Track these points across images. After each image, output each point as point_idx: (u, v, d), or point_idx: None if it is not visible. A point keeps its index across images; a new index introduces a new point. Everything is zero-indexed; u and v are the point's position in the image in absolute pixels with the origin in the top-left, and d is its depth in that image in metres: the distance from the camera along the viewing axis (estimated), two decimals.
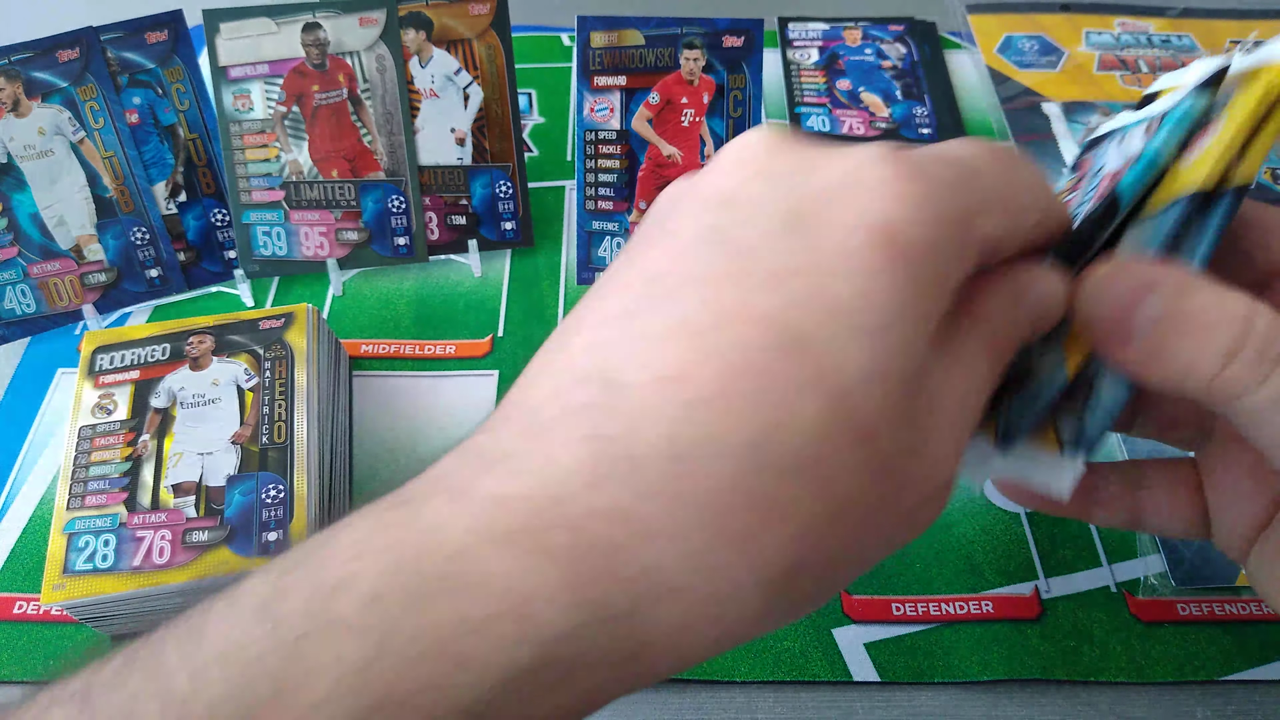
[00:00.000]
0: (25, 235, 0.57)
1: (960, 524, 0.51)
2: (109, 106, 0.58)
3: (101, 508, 0.44)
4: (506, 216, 0.63)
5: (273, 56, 0.59)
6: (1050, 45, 0.79)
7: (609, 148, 0.59)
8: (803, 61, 0.77)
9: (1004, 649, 0.46)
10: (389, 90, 0.60)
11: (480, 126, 0.61)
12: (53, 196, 0.58)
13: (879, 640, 0.47)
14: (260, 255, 0.61)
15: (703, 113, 0.59)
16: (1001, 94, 0.75)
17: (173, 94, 0.60)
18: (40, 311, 0.58)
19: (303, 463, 0.46)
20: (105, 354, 0.49)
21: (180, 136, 0.60)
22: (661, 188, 0.61)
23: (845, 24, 0.80)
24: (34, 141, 0.57)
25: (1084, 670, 0.46)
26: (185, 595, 0.44)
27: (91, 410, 0.47)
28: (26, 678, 0.45)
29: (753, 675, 0.46)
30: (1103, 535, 0.51)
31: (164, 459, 0.46)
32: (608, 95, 0.59)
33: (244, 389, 0.48)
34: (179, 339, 0.50)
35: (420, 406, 0.56)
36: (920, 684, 0.46)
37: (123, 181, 0.59)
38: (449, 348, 0.59)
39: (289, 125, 0.60)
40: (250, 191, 0.60)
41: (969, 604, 0.48)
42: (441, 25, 0.60)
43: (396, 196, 0.61)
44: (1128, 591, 0.48)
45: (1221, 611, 0.47)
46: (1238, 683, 0.46)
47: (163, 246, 0.60)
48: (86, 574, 0.42)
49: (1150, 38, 0.79)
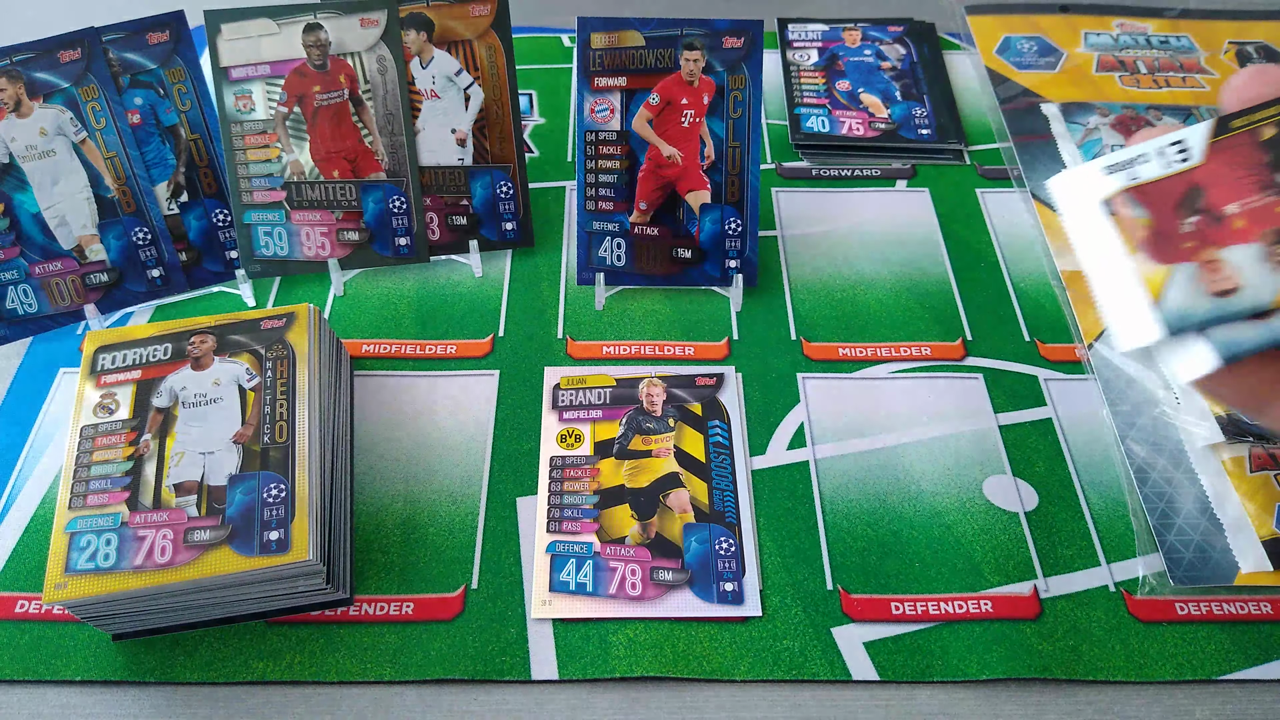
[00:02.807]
0: (27, 235, 0.58)
1: (960, 524, 0.51)
2: (110, 107, 0.58)
3: (103, 507, 0.44)
4: (507, 217, 0.63)
5: (274, 57, 0.59)
6: (1049, 46, 0.79)
7: (609, 148, 0.60)
8: (802, 62, 0.77)
9: (1003, 648, 0.46)
10: (390, 91, 0.60)
11: (481, 127, 0.61)
12: (54, 197, 0.58)
13: (878, 639, 0.47)
14: (261, 255, 0.61)
15: (703, 113, 0.59)
16: (1000, 94, 0.75)
17: (174, 94, 0.60)
18: (42, 311, 0.59)
19: (304, 462, 0.46)
20: (107, 354, 0.49)
21: (182, 137, 0.60)
22: (662, 188, 0.61)
23: (845, 25, 0.80)
24: (36, 142, 0.57)
25: (1083, 669, 0.46)
26: (186, 594, 0.44)
27: (93, 410, 0.47)
28: (28, 677, 0.46)
29: (753, 674, 0.46)
30: (1101, 534, 0.51)
31: (166, 458, 0.46)
32: (608, 96, 0.59)
33: (246, 389, 0.48)
34: (181, 339, 0.50)
35: (421, 406, 0.56)
36: (919, 683, 0.46)
37: (124, 182, 0.59)
38: (450, 348, 0.59)
39: (290, 126, 0.60)
40: (252, 192, 0.60)
41: (968, 603, 0.48)
42: (442, 26, 0.60)
43: (397, 197, 0.61)
44: (1126, 591, 0.49)
45: (1220, 611, 0.48)
46: (1236, 682, 0.46)
47: (164, 247, 0.60)
48: (88, 573, 0.42)
49: (1149, 38, 0.79)
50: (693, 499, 0.51)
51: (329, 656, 0.46)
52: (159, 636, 0.46)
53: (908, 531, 0.51)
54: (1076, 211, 0.32)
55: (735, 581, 0.48)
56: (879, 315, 0.61)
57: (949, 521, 0.51)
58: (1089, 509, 0.52)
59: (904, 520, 0.51)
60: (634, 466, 0.53)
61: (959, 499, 0.52)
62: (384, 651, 0.46)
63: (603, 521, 0.51)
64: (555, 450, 0.53)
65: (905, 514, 0.51)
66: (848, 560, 0.50)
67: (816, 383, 0.57)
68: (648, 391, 0.56)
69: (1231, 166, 0.29)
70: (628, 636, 0.47)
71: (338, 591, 0.47)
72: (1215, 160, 0.30)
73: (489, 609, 0.48)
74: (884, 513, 0.52)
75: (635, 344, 0.59)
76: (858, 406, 0.56)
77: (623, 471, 0.52)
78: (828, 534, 0.51)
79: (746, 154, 0.59)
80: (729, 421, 0.55)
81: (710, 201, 0.60)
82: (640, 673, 0.46)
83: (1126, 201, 0.30)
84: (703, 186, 0.60)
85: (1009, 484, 0.53)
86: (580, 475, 0.52)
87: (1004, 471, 0.53)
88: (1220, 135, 0.30)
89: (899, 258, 0.64)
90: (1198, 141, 0.30)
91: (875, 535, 0.51)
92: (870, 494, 0.52)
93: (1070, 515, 0.51)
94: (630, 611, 0.47)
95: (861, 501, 0.52)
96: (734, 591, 0.48)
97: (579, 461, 0.53)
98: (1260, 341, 0.28)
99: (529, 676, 0.46)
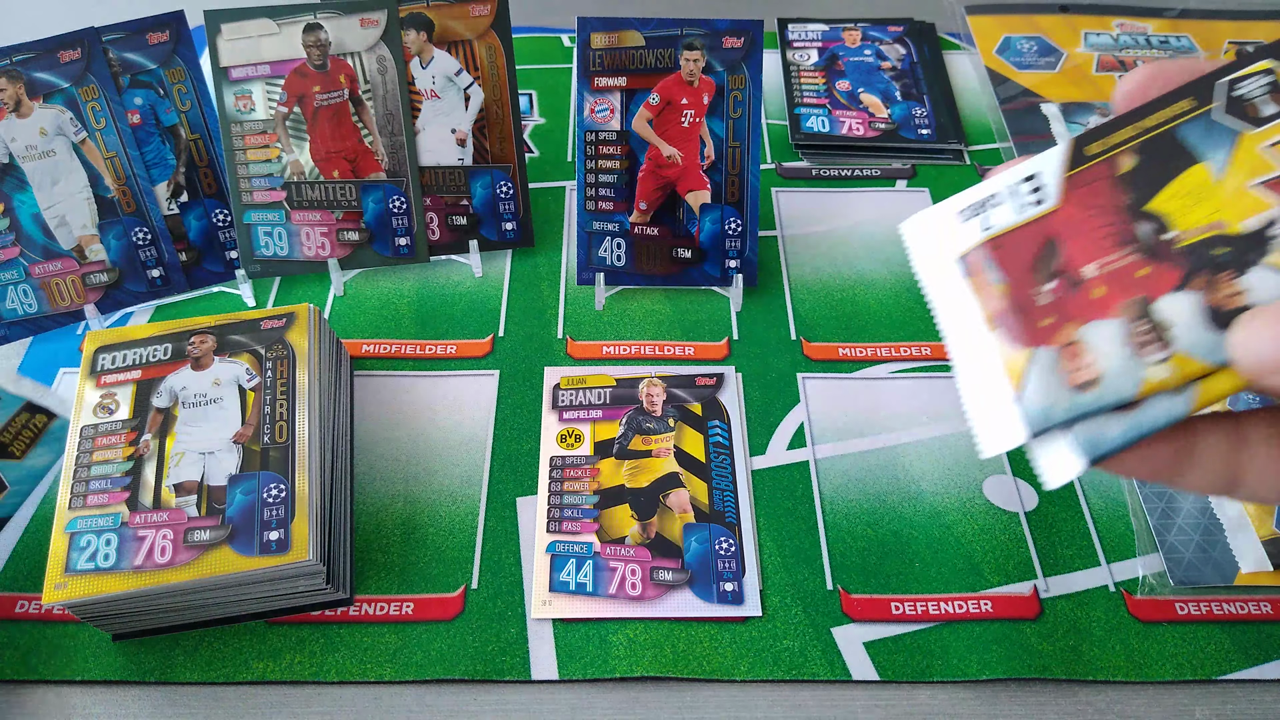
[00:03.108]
0: (27, 235, 0.58)
1: (960, 524, 0.51)
2: (110, 107, 0.58)
3: (103, 507, 0.44)
4: (507, 217, 0.63)
5: (274, 57, 0.59)
6: (1049, 46, 0.79)
7: (609, 148, 0.60)
8: (802, 62, 0.77)
9: (1003, 648, 0.46)
10: (390, 91, 0.60)
11: (481, 127, 0.61)
12: (54, 197, 0.58)
13: (878, 639, 0.47)
14: (261, 255, 0.61)
15: (703, 113, 0.59)
16: (1000, 95, 0.75)
17: (174, 94, 0.60)
18: (42, 311, 0.59)
19: (304, 462, 0.46)
20: (107, 354, 0.49)
21: (182, 137, 0.60)
22: (662, 188, 0.61)
23: (845, 25, 0.80)
24: (36, 142, 0.57)
25: (1083, 669, 0.46)
26: (186, 594, 0.44)
27: (93, 410, 0.47)
28: (28, 677, 0.46)
29: (752, 674, 0.46)
30: (1101, 534, 0.51)
31: (166, 458, 0.46)
32: (608, 96, 0.59)
33: (246, 389, 0.48)
34: (181, 339, 0.50)
35: (421, 406, 0.56)
36: (919, 683, 0.46)
37: (124, 182, 0.59)
38: (450, 348, 0.59)
39: (290, 126, 0.60)
40: (252, 192, 0.60)
41: (968, 603, 0.48)
42: (442, 26, 0.60)
43: (397, 197, 0.61)
44: (1126, 591, 0.49)
45: (1220, 611, 0.48)
46: (1236, 681, 0.46)
47: (164, 247, 0.60)
48: (88, 573, 0.42)
49: (1149, 38, 0.80)
50: (693, 499, 0.51)
51: (329, 656, 0.46)
52: (159, 636, 0.46)
53: (908, 531, 0.51)
54: (931, 268, 0.27)
55: (735, 581, 0.48)
56: (879, 315, 0.61)
57: (949, 521, 0.51)
58: (1089, 509, 0.52)
59: (904, 520, 0.51)
60: (634, 466, 0.53)
61: (959, 499, 0.52)
62: (384, 651, 0.46)
63: (603, 521, 0.50)
64: (555, 450, 0.53)
65: (905, 514, 0.51)
66: (848, 560, 0.50)
67: (816, 383, 0.57)
68: (648, 391, 0.56)
69: (1088, 211, 0.25)
70: (628, 636, 0.47)
71: (338, 591, 0.47)
72: (1072, 202, 0.25)
73: (489, 609, 0.48)
74: (884, 513, 0.52)
75: (635, 344, 0.59)
76: (858, 406, 0.56)
77: (623, 471, 0.52)
78: (828, 534, 0.51)
79: (746, 154, 0.59)
80: (729, 421, 0.55)
81: (710, 201, 0.60)
82: (640, 673, 0.46)
83: (982, 259, 0.26)
84: (703, 186, 0.60)
85: (1009, 484, 0.53)
86: (580, 475, 0.52)
87: (1004, 471, 0.53)
88: (1076, 168, 0.26)
89: (899, 258, 0.64)
90: (1052, 177, 0.26)
91: (875, 535, 0.51)
92: (870, 494, 0.52)
93: (1070, 515, 0.51)
94: (630, 611, 0.47)
95: (861, 501, 0.52)
96: (734, 591, 0.48)
97: (579, 461, 0.53)
98: (1127, 437, 0.24)
99: (529, 676, 0.46)
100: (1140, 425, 0.24)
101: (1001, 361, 0.25)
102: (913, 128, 0.72)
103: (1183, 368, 0.23)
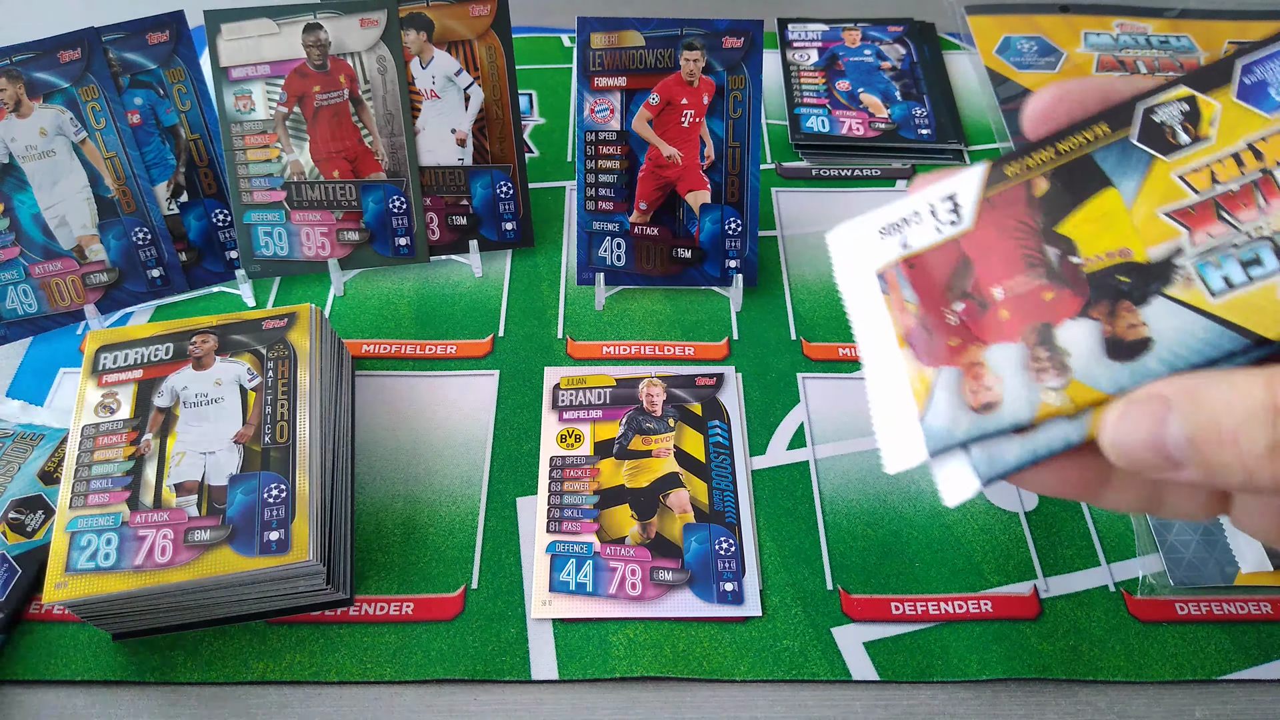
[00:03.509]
0: (27, 235, 0.58)
1: (959, 524, 0.51)
2: (110, 107, 0.58)
3: (104, 506, 0.44)
4: (507, 217, 0.63)
5: (274, 57, 0.59)
6: (1049, 46, 0.79)
7: (609, 148, 0.60)
8: (802, 62, 0.77)
9: (1003, 648, 0.46)
10: (390, 91, 0.60)
11: (481, 127, 0.61)
12: (54, 197, 0.58)
13: (878, 639, 0.47)
14: (262, 255, 0.61)
15: (703, 113, 0.59)
16: (1000, 95, 0.75)
17: (174, 94, 0.60)
18: (42, 311, 0.59)
19: (305, 462, 0.46)
20: (108, 353, 0.49)
21: (182, 137, 0.60)
22: (662, 188, 0.61)
23: (844, 25, 0.80)
24: (36, 142, 0.57)
25: (1083, 669, 0.46)
26: (186, 594, 0.44)
27: (94, 409, 0.47)
28: (29, 676, 0.46)
29: (753, 674, 0.46)
30: (1101, 534, 0.51)
31: (166, 458, 0.46)
32: (608, 96, 0.59)
33: (247, 388, 0.48)
34: (182, 338, 0.50)
35: (421, 406, 0.56)
36: (919, 683, 0.46)
37: (124, 182, 0.59)
38: (450, 347, 0.59)
39: (290, 126, 0.60)
40: (252, 192, 0.60)
41: (968, 603, 0.48)
42: (442, 26, 0.60)
43: (397, 197, 0.61)
44: (1126, 591, 0.49)
45: (1220, 611, 0.48)
46: (1236, 681, 0.46)
47: (164, 247, 0.60)
48: (89, 572, 0.42)
49: (1149, 39, 0.80)
50: (693, 499, 0.51)
51: (329, 656, 0.46)
52: (159, 636, 0.46)
53: (908, 531, 0.51)
54: (851, 281, 0.27)
55: (735, 581, 0.48)
56: None
57: (949, 521, 0.51)
58: (1089, 509, 0.52)
59: (904, 520, 0.51)
60: (634, 466, 0.53)
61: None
62: (384, 651, 0.46)
63: (603, 521, 0.51)
64: (555, 450, 0.53)
65: (905, 514, 0.52)
66: (848, 560, 0.50)
67: (816, 383, 0.57)
68: (648, 391, 0.56)
69: (1001, 233, 0.25)
70: (628, 636, 0.47)
71: (338, 592, 0.47)
72: (987, 223, 0.25)
73: (489, 609, 0.48)
74: (884, 513, 0.52)
75: (635, 344, 0.59)
76: (858, 406, 0.56)
77: (623, 471, 0.52)
78: (828, 534, 0.51)
79: (746, 154, 0.59)
80: (729, 421, 0.55)
81: (710, 201, 0.60)
82: (640, 673, 0.46)
83: (899, 277, 0.26)
84: (703, 186, 0.60)
85: (1009, 484, 0.53)
86: (580, 475, 0.52)
87: None
88: (994, 188, 0.26)
89: None
90: (969, 197, 0.26)
91: (875, 535, 0.51)
92: (870, 494, 0.52)
93: (1070, 515, 0.51)
94: (630, 611, 0.47)
95: (861, 501, 0.52)
96: (734, 591, 0.48)
97: (579, 461, 0.53)
98: (1022, 460, 0.24)
99: (529, 676, 0.46)
100: (1036, 449, 0.24)
101: (908, 379, 0.26)
102: (913, 128, 0.72)
103: (1078, 396, 0.24)
